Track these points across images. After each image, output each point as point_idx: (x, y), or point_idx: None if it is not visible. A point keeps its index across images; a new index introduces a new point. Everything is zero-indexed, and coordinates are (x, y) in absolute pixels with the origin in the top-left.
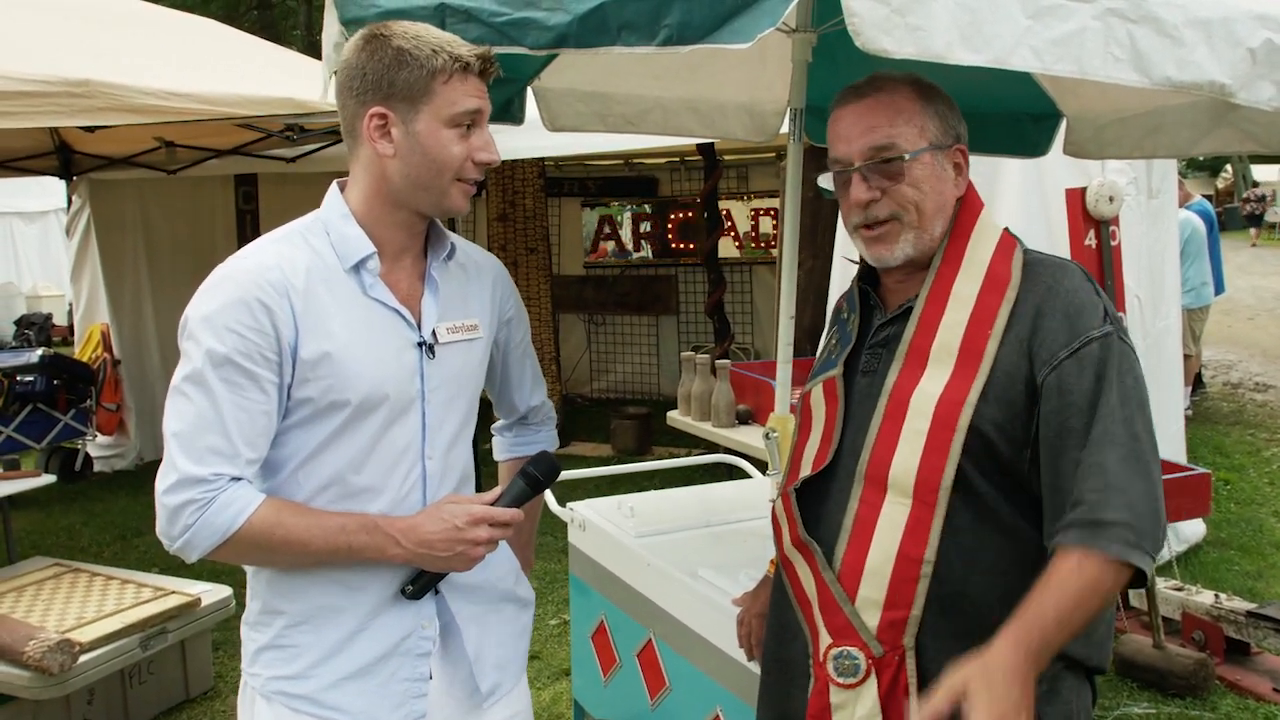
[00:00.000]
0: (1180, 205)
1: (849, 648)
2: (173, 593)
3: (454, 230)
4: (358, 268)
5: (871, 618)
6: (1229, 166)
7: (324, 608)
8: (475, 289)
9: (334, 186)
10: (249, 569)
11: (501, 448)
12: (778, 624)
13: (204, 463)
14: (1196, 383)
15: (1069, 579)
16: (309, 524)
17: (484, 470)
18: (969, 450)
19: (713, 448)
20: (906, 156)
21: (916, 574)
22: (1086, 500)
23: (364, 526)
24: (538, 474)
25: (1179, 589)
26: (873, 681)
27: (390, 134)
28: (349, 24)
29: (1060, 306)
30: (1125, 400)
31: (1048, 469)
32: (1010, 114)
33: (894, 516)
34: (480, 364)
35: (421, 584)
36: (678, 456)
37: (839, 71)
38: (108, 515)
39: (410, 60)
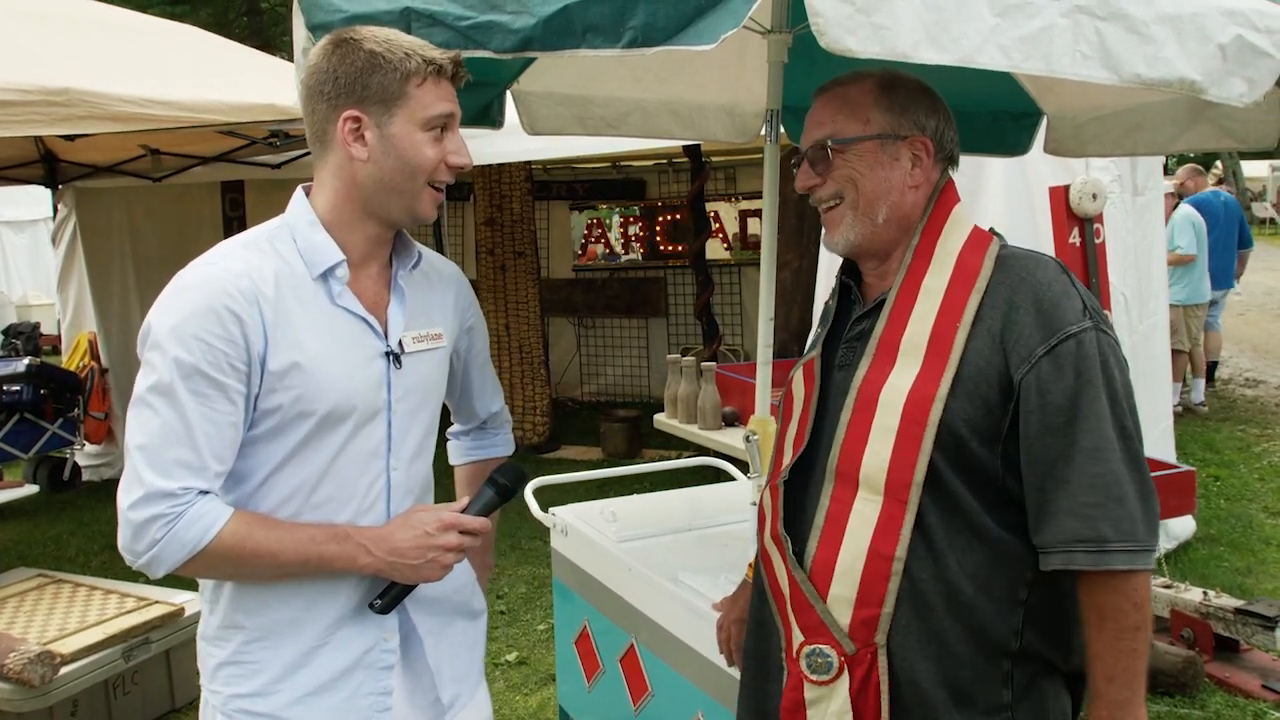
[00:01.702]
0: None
1: (821, 645)
2: (156, 602)
3: (440, 234)
4: (326, 276)
5: (843, 616)
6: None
7: (284, 622)
8: (439, 297)
9: (299, 192)
10: (205, 582)
11: (459, 451)
12: (755, 620)
13: (171, 476)
14: (1209, 378)
15: (1117, 629)
16: (279, 536)
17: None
18: (941, 446)
19: (702, 450)
20: (830, 143)
21: (888, 571)
22: (1086, 515)
23: (334, 536)
24: (506, 482)
25: (1168, 586)
26: (845, 679)
27: (364, 137)
28: (315, 29)
29: (1032, 300)
30: (1114, 400)
31: (1031, 469)
32: (990, 112)
33: (865, 514)
34: (443, 372)
35: (391, 597)
36: (668, 459)
37: (817, 71)
38: (96, 524)
39: (383, 64)
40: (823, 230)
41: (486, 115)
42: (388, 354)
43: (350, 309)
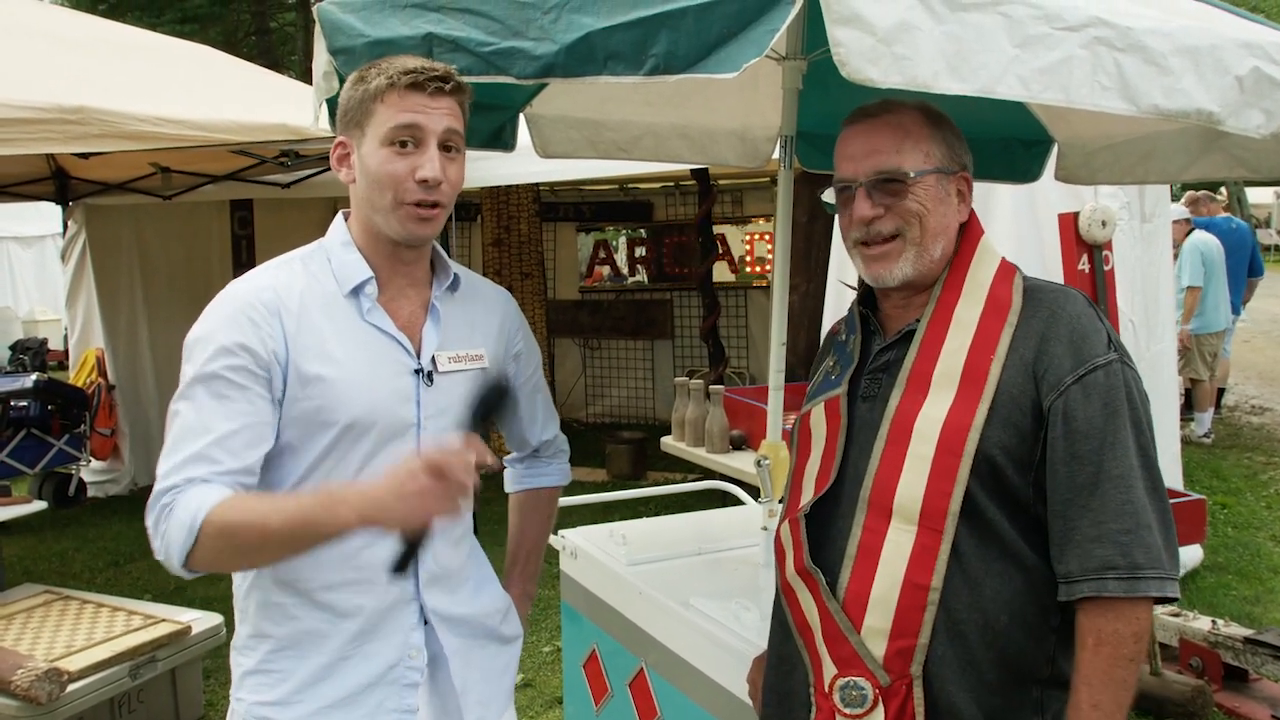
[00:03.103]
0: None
1: (856, 678)
2: (163, 620)
3: (449, 253)
4: (356, 292)
5: (878, 647)
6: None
7: (309, 633)
8: (482, 321)
9: (339, 215)
10: (238, 592)
11: (512, 480)
12: (777, 656)
13: (178, 470)
14: (1216, 405)
15: (1113, 656)
16: (267, 506)
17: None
18: (978, 474)
19: (708, 473)
20: (911, 175)
21: (924, 602)
22: (1118, 541)
23: (318, 498)
24: (482, 394)
25: (1176, 615)
26: (880, 711)
27: (349, 160)
28: (337, 53)
29: (1064, 332)
30: (1138, 430)
31: (1056, 495)
32: (1002, 139)
33: (899, 544)
34: None
35: (401, 556)
36: (673, 482)
37: (831, 98)
38: (101, 541)
39: (360, 85)
40: (864, 263)
41: (499, 138)
42: (418, 371)
43: (380, 326)
